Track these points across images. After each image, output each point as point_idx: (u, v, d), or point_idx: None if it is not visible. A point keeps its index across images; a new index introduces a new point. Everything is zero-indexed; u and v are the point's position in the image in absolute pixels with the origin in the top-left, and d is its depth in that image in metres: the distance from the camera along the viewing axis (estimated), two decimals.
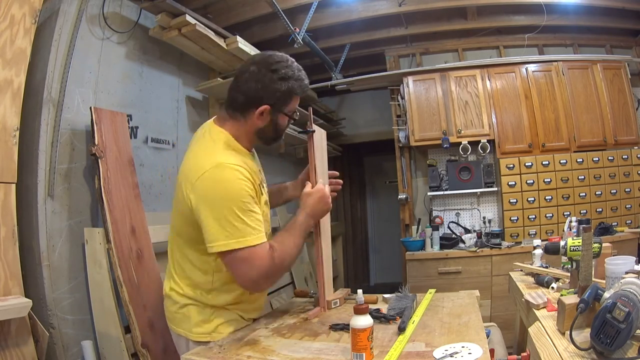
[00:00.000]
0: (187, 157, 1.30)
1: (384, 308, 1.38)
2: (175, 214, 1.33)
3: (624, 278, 1.06)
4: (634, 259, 1.26)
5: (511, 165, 3.50)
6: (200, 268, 1.29)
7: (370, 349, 0.98)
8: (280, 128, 1.37)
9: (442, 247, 3.55)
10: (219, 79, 3.08)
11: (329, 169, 1.61)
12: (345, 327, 1.21)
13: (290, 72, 1.29)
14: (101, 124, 2.21)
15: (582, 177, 3.47)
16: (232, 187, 1.17)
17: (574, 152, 3.54)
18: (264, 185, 1.42)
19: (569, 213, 3.33)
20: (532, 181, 3.47)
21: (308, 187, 1.41)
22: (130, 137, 2.46)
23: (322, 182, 1.45)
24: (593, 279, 1.29)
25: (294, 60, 1.34)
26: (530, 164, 3.49)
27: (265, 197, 1.37)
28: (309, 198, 1.38)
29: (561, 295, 1.35)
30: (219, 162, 1.19)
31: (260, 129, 1.32)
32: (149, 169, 2.65)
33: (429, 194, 3.82)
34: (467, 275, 3.35)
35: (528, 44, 3.94)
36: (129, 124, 2.47)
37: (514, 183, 3.49)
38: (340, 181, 1.59)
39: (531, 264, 2.07)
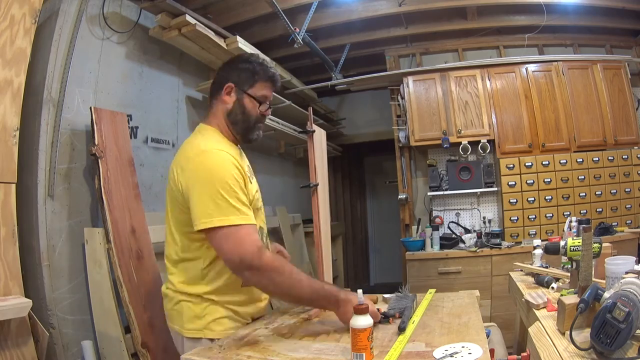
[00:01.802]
0: (179, 151, 1.37)
1: (383, 308, 1.38)
2: (168, 204, 1.37)
3: (624, 278, 1.05)
4: (634, 259, 1.26)
5: (511, 165, 3.50)
6: (191, 254, 1.31)
7: (370, 349, 0.98)
8: (247, 112, 1.39)
9: (442, 247, 3.55)
10: None
11: (329, 169, 1.62)
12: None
13: (253, 58, 1.42)
14: (101, 124, 2.21)
15: (582, 177, 3.47)
16: (217, 170, 1.23)
17: (574, 152, 3.54)
18: (252, 179, 1.44)
19: (569, 213, 3.33)
20: (532, 181, 3.47)
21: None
22: (130, 137, 2.46)
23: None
24: (593, 279, 1.28)
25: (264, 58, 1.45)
26: (530, 164, 3.49)
27: (255, 186, 1.41)
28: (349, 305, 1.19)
29: (561, 295, 1.35)
30: (206, 148, 1.27)
31: (229, 111, 1.39)
32: (149, 169, 2.65)
33: (429, 194, 3.82)
34: (467, 275, 3.34)
35: (528, 44, 3.94)
36: (129, 124, 2.47)
37: (514, 183, 3.49)
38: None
39: (531, 264, 2.07)
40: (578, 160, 3.49)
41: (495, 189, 3.66)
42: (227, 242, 1.20)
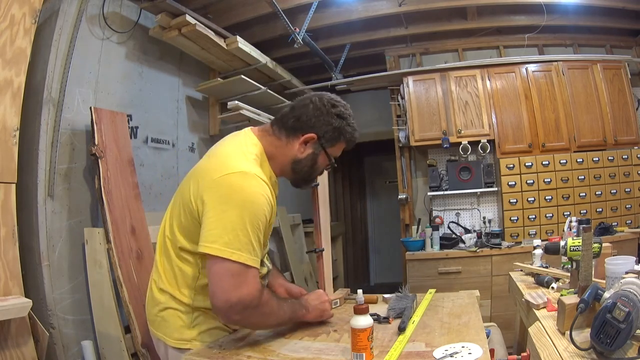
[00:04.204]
0: (214, 154, 1.24)
1: (383, 308, 1.38)
2: (175, 204, 1.26)
3: (624, 278, 1.05)
4: (634, 259, 1.26)
5: (511, 165, 3.50)
6: (192, 262, 1.20)
7: (370, 349, 0.98)
8: (316, 168, 1.31)
9: (442, 247, 3.54)
10: (219, 79, 3.08)
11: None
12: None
13: (346, 114, 1.28)
14: (101, 124, 2.21)
15: (582, 177, 3.47)
16: (252, 199, 1.10)
17: (574, 152, 3.54)
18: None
19: (569, 213, 3.32)
20: (532, 181, 3.47)
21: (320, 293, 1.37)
22: (130, 137, 2.46)
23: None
24: (593, 279, 1.28)
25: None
26: (530, 164, 3.49)
27: (273, 220, 1.28)
28: (315, 301, 1.32)
29: (561, 295, 1.35)
30: (247, 170, 1.12)
31: (297, 160, 1.27)
32: (149, 169, 2.65)
33: (429, 194, 3.82)
34: (467, 275, 3.34)
35: (528, 44, 3.93)
36: (129, 124, 2.47)
37: (514, 183, 3.49)
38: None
39: (531, 264, 2.07)
40: (578, 160, 3.49)
41: (495, 189, 3.66)
42: (230, 278, 1.07)
